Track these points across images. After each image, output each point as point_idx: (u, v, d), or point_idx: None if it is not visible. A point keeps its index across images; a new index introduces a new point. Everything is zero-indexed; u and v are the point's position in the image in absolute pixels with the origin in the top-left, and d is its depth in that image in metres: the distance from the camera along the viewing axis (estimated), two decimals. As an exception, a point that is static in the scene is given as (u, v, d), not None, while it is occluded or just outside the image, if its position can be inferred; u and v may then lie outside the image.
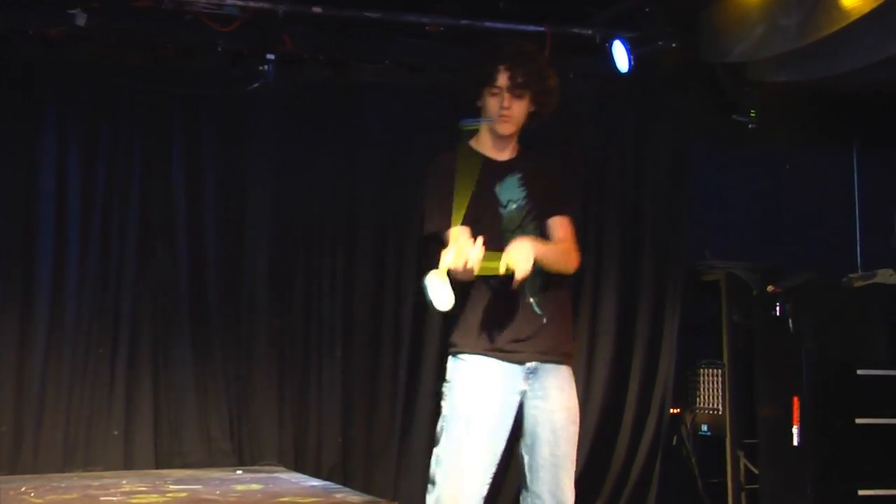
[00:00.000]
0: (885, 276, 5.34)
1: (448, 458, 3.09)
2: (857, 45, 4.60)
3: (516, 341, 3.12)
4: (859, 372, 4.96)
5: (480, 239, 2.92)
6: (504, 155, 3.26)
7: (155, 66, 5.10)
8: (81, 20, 4.77)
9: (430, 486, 3.14)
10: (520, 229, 3.17)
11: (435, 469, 3.12)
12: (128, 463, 5.00)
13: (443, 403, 3.17)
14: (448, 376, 3.18)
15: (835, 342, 5.02)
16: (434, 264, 2.98)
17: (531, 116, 3.26)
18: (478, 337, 3.12)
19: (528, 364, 3.14)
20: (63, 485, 4.44)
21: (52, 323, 4.98)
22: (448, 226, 3.07)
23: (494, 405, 3.10)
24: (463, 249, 2.88)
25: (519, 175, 3.22)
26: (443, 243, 3.08)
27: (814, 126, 5.95)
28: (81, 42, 4.96)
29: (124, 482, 4.50)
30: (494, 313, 3.12)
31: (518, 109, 3.19)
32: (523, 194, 3.20)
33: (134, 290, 5.08)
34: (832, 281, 5.41)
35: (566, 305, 3.29)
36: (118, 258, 5.07)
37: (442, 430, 3.13)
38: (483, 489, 3.10)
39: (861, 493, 4.89)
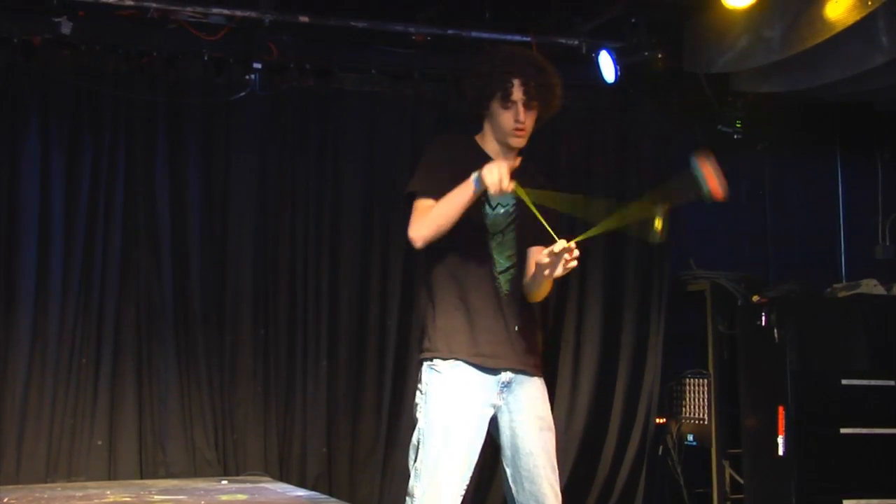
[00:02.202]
0: (868, 286, 5.36)
1: (427, 471, 3.06)
2: (841, 57, 4.63)
3: (492, 343, 3.09)
4: (844, 382, 4.98)
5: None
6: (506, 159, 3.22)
7: (139, 75, 5.09)
8: (67, 28, 4.76)
9: (408, 499, 3.11)
10: (500, 234, 3.14)
11: (414, 483, 3.10)
12: (112, 473, 4.97)
13: (418, 415, 3.14)
14: (422, 387, 3.14)
15: (819, 352, 5.03)
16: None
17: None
18: (454, 342, 3.08)
19: (503, 376, 3.11)
20: (46, 495, 4.41)
21: (35, 332, 4.94)
22: (431, 193, 3.06)
23: (471, 417, 3.08)
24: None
25: (514, 182, 3.20)
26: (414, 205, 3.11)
27: (798, 136, 5.99)
28: (66, 50, 4.95)
29: (108, 493, 4.47)
30: (469, 318, 3.09)
31: (530, 122, 3.17)
32: (513, 200, 3.17)
33: (117, 299, 5.05)
34: (816, 291, 5.44)
35: (535, 318, 3.27)
36: (101, 267, 5.04)
37: (419, 442, 3.10)
38: (458, 500, 3.08)
39: (845, 502, 4.90)
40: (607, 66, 5.22)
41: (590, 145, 5.73)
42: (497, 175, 2.91)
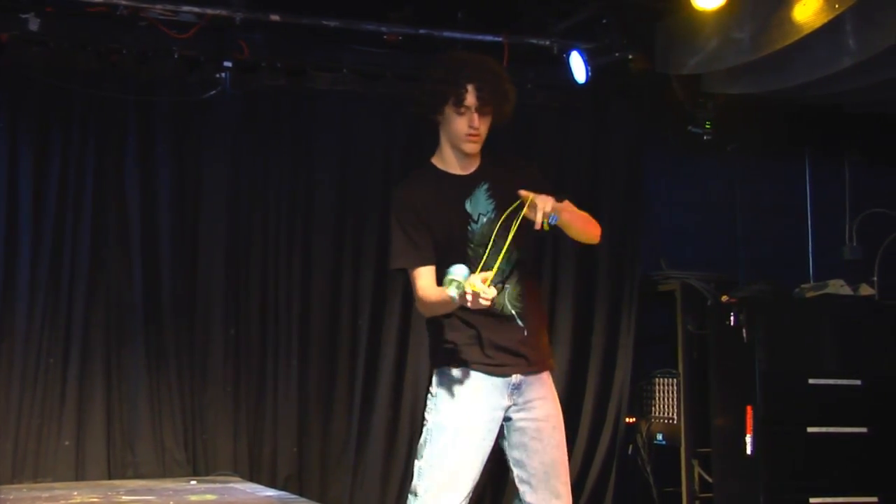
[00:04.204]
0: (836, 286, 5.41)
1: (431, 470, 3.07)
2: (810, 59, 4.66)
3: (501, 353, 3.12)
4: (811, 381, 5.03)
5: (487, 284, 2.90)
6: (469, 168, 3.22)
7: (109, 73, 5.05)
8: (34, 25, 4.72)
9: (410, 497, 3.11)
10: (493, 244, 3.12)
11: (417, 481, 3.10)
12: (79, 474, 4.93)
13: (427, 416, 3.15)
14: (433, 389, 3.16)
15: (787, 352, 5.08)
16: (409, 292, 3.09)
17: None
18: (462, 351, 3.11)
19: (513, 378, 3.14)
20: (12, 497, 4.37)
21: (2, 332, 4.90)
22: (419, 263, 3.09)
23: (481, 420, 3.10)
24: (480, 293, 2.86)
25: (486, 186, 3.19)
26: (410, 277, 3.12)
27: (767, 137, 6.03)
28: (34, 47, 4.90)
29: (75, 493, 4.44)
30: (477, 328, 3.11)
31: (484, 128, 3.15)
32: (492, 206, 3.16)
33: (86, 299, 5.01)
34: (785, 292, 5.48)
35: (542, 313, 3.32)
36: (70, 266, 5.00)
37: (426, 441, 3.11)
38: (463, 501, 3.09)
39: (812, 501, 4.95)
40: (578, 67, 5.24)
41: (561, 145, 5.74)
42: (475, 299, 2.85)
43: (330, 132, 5.44)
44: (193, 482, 4.83)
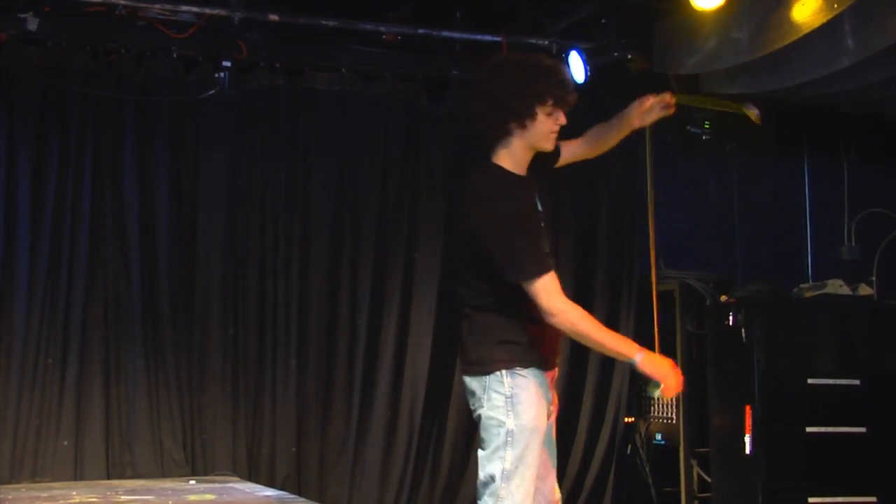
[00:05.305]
0: (834, 286, 5.41)
1: (516, 471, 3.09)
2: (808, 59, 4.67)
3: (554, 351, 3.21)
4: (810, 381, 5.04)
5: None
6: (526, 169, 3.26)
7: (107, 72, 5.05)
8: (33, 25, 4.72)
9: (490, 500, 3.09)
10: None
11: (501, 483, 3.08)
12: (78, 474, 4.93)
13: (503, 418, 3.12)
14: (506, 391, 3.12)
15: (786, 352, 5.08)
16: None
17: None
18: (528, 350, 3.14)
19: (555, 372, 3.25)
20: (10, 497, 4.37)
21: (1, 331, 4.89)
22: (551, 266, 3.08)
23: (546, 417, 3.19)
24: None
25: (538, 185, 3.26)
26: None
27: (766, 138, 6.03)
28: (32, 47, 4.90)
29: (74, 493, 4.44)
30: (541, 329, 3.12)
31: None
32: (541, 202, 3.25)
33: (85, 298, 5.01)
34: (783, 291, 5.48)
35: None
36: (68, 265, 5.00)
37: (506, 444, 3.10)
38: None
39: (811, 500, 4.96)
40: (577, 67, 5.24)
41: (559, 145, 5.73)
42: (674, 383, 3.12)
43: (328, 132, 5.43)
44: (192, 482, 4.83)
